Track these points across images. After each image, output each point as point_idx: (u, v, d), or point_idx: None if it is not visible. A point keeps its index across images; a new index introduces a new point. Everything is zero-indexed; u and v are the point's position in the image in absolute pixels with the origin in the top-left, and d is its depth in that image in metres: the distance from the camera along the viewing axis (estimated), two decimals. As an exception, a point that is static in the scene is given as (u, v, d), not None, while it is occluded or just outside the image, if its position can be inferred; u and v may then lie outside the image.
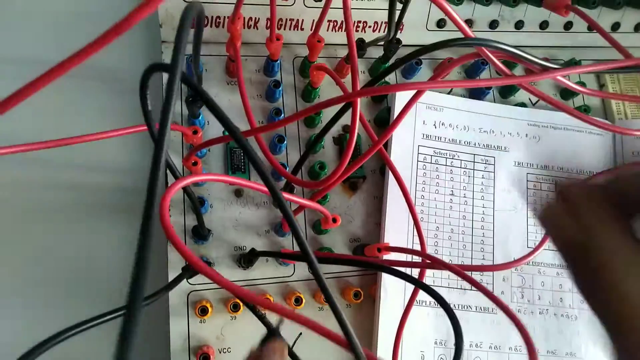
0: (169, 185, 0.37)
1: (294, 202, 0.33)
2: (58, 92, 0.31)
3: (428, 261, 0.32)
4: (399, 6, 0.36)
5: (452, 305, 0.37)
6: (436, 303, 0.36)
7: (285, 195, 0.31)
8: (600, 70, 0.31)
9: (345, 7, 0.26)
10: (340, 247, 0.39)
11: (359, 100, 0.27)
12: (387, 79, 0.43)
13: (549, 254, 0.39)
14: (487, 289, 0.27)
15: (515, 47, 0.26)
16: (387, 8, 0.34)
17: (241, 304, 0.36)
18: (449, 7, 0.25)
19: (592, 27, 0.36)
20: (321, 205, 0.38)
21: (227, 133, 0.39)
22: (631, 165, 0.38)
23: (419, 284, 0.29)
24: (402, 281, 0.37)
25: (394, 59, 0.42)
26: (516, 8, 0.43)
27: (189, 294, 0.36)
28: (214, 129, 0.39)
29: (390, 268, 0.30)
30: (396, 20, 0.36)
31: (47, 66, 0.16)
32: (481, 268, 0.36)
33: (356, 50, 0.38)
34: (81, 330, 0.24)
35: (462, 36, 0.28)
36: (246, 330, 0.36)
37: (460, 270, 0.28)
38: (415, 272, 0.36)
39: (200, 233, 0.35)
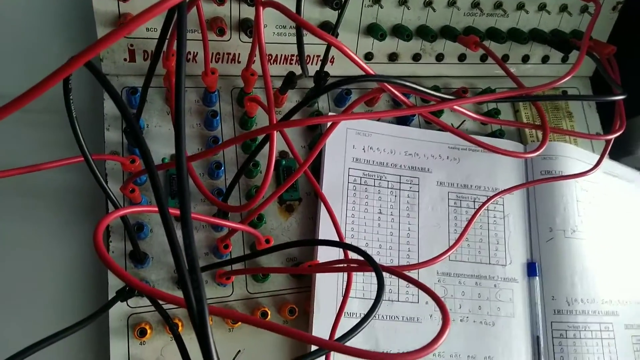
0: (108, 211, 0.38)
1: (224, 225, 0.35)
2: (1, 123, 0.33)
3: (354, 264, 0.34)
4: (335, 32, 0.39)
5: (380, 316, 0.40)
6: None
7: (215, 219, 0.33)
8: (488, 100, 0.35)
9: (262, 56, 0.29)
10: (278, 265, 0.42)
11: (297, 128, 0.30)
12: (320, 107, 0.46)
13: (468, 266, 0.43)
14: (414, 278, 0.29)
15: (413, 82, 0.29)
16: (319, 43, 0.37)
17: (180, 324, 0.37)
18: (351, 52, 0.28)
19: (493, 59, 0.40)
20: (256, 227, 0.40)
21: (166, 160, 0.41)
22: None
23: (346, 246, 0.32)
24: (334, 296, 0.39)
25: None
26: (436, 42, 0.47)
27: (129, 317, 0.38)
28: (154, 155, 0.41)
29: (325, 240, 0.33)
30: (323, 55, 0.40)
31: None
32: (405, 267, 0.39)
33: (288, 83, 0.41)
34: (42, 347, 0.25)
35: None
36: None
37: (385, 266, 0.30)
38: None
39: (137, 257, 0.37)
